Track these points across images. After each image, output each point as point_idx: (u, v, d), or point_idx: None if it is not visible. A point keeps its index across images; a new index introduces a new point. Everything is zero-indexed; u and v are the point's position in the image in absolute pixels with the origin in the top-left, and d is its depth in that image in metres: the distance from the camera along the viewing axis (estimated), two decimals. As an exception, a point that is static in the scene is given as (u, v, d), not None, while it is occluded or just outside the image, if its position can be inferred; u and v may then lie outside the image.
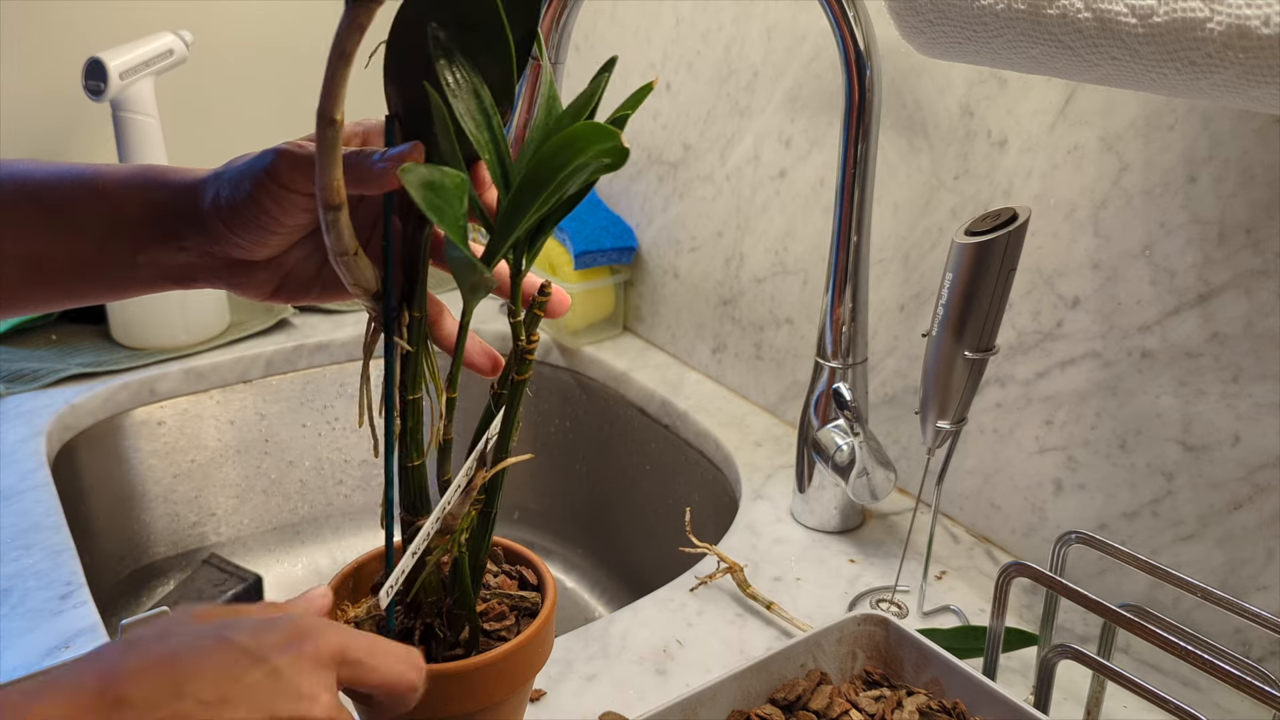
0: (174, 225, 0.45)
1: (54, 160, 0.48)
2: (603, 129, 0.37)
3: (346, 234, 0.40)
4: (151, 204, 0.46)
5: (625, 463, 1.09)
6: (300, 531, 1.13)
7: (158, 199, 0.46)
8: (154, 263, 0.46)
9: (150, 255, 0.46)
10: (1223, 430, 0.62)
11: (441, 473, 0.46)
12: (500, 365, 0.48)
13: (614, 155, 0.37)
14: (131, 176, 0.46)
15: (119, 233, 0.46)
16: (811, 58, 0.86)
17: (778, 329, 0.97)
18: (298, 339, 1.11)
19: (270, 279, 0.47)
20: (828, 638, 0.58)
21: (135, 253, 0.46)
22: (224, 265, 0.46)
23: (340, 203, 0.39)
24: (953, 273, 0.59)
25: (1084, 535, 0.58)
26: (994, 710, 0.53)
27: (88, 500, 0.99)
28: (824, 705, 0.55)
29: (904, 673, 0.58)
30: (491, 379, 0.47)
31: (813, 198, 0.89)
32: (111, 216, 0.46)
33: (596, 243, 1.09)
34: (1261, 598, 0.62)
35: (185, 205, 0.45)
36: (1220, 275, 0.61)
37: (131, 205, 0.46)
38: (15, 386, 0.99)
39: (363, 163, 0.41)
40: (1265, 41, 0.38)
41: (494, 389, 0.46)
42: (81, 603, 0.70)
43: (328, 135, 0.37)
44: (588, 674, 0.65)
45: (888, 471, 0.74)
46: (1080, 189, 0.68)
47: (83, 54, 1.03)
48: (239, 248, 0.45)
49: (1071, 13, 0.43)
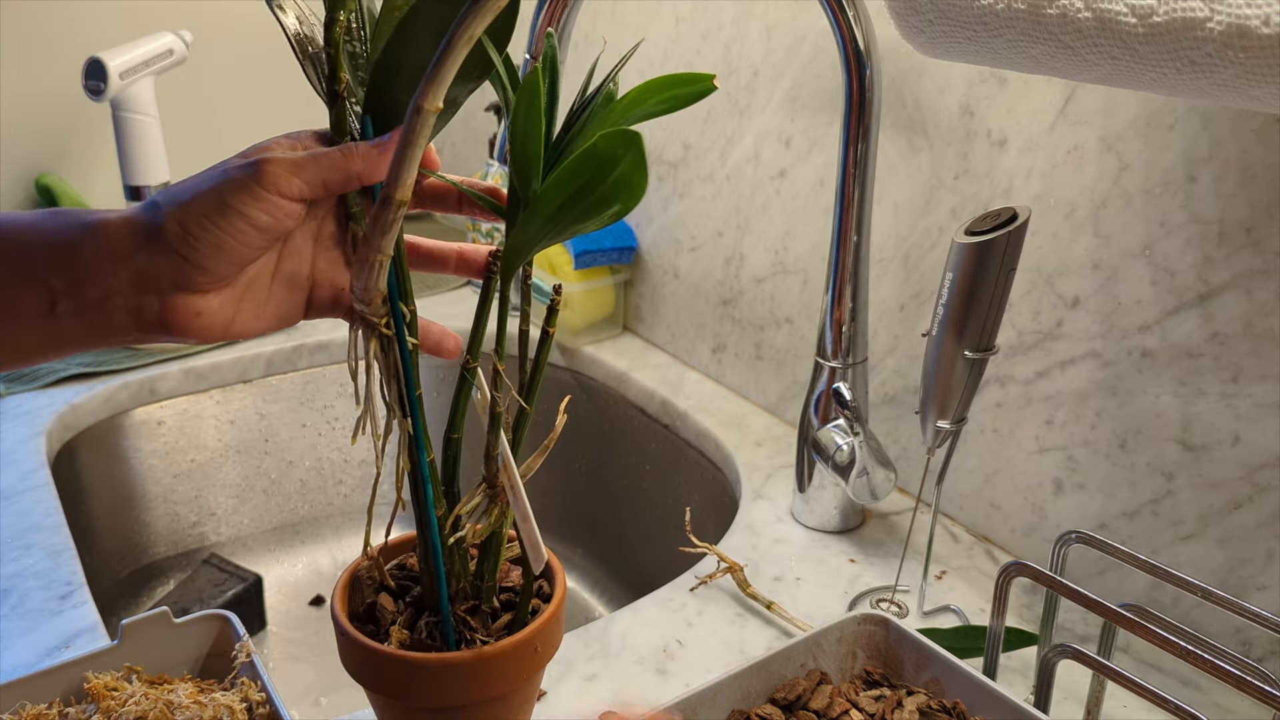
0: (96, 265, 0.41)
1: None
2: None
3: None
4: (64, 244, 0.41)
5: (625, 462, 1.09)
6: (300, 531, 1.13)
7: (68, 239, 0.41)
8: (76, 311, 0.41)
9: (71, 302, 0.41)
10: (1223, 430, 0.62)
11: (491, 446, 0.46)
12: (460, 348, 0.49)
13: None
14: (39, 219, 0.42)
15: (26, 280, 0.41)
16: (811, 58, 0.86)
17: (778, 329, 0.97)
18: (298, 339, 1.11)
19: (223, 309, 0.43)
20: (828, 637, 0.58)
21: (49, 302, 0.41)
22: (160, 308, 0.42)
23: (408, 199, 0.39)
24: (953, 272, 0.59)
25: (1084, 535, 0.58)
26: (994, 710, 0.53)
27: (88, 500, 0.99)
28: (824, 705, 0.55)
29: (904, 672, 0.58)
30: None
31: (813, 198, 0.89)
32: (17, 259, 0.41)
33: (596, 242, 1.09)
34: (1261, 597, 0.62)
35: (116, 240, 0.41)
36: (1220, 275, 0.61)
37: (39, 248, 0.41)
38: (15, 386, 0.99)
39: (371, 151, 0.41)
40: (1265, 41, 0.38)
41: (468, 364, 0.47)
42: (81, 603, 0.70)
43: (416, 125, 0.36)
44: (588, 674, 0.65)
45: (888, 471, 0.74)
46: (1080, 189, 0.68)
47: (83, 54, 1.03)
48: (201, 271, 0.41)
49: (1071, 12, 0.43)
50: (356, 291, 0.42)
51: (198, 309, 0.42)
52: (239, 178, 0.40)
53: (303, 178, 0.41)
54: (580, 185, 0.40)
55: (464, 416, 0.46)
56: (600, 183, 0.40)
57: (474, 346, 0.45)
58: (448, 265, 0.50)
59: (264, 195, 0.40)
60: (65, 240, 0.41)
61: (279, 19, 0.43)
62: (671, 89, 0.43)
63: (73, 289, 0.41)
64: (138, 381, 1.02)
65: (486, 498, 0.47)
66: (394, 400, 0.45)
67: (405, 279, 0.44)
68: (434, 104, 0.36)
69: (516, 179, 0.43)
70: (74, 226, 0.41)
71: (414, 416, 0.45)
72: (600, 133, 0.39)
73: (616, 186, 0.40)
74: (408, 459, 0.46)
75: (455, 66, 0.35)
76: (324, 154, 0.42)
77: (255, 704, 0.54)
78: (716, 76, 0.43)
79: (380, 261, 0.41)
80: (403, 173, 0.38)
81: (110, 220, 0.41)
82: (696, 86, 0.43)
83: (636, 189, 0.39)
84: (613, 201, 0.40)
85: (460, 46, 0.35)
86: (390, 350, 0.44)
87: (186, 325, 0.42)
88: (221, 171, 0.41)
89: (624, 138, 0.38)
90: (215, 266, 0.41)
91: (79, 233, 0.41)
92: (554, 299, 0.47)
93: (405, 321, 0.44)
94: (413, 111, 0.36)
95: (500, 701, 0.47)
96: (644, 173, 0.39)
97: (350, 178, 0.42)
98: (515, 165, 0.42)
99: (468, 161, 1.45)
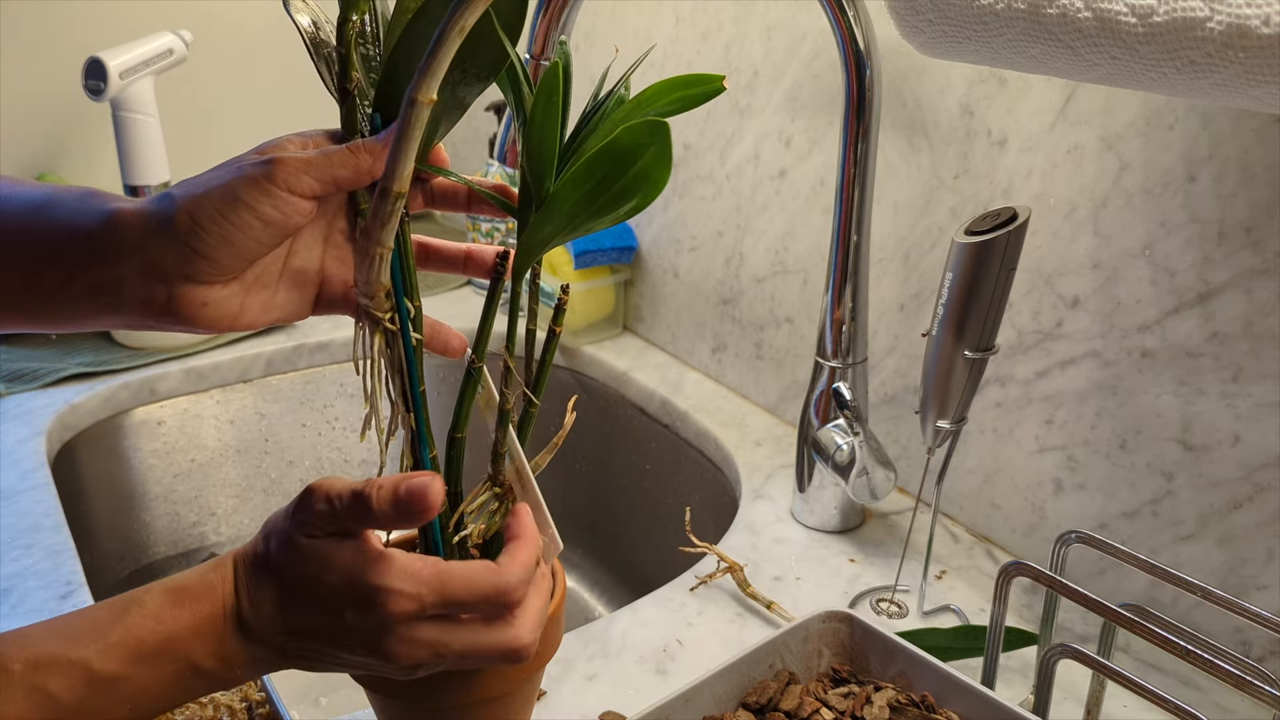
0: (113, 248, 0.42)
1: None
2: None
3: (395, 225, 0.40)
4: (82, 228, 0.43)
5: (625, 462, 1.09)
6: (300, 531, 1.13)
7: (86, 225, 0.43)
8: (90, 290, 0.43)
9: (86, 281, 0.43)
10: (1223, 430, 0.62)
11: (499, 443, 0.47)
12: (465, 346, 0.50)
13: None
14: (78, 197, 0.44)
15: (51, 259, 0.43)
16: (811, 58, 0.86)
17: (778, 328, 0.97)
18: (298, 338, 1.11)
19: (232, 299, 0.44)
20: (794, 637, 0.58)
21: (68, 279, 0.43)
22: (169, 297, 0.42)
23: (405, 191, 0.39)
24: (953, 272, 0.59)
25: (1084, 535, 0.58)
26: (962, 700, 0.53)
27: (88, 500, 0.99)
28: (794, 705, 0.55)
29: (870, 668, 0.58)
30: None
31: (813, 197, 0.89)
32: (46, 238, 0.43)
33: (596, 242, 1.09)
34: (1261, 597, 0.62)
35: (129, 228, 0.42)
36: (1220, 275, 0.61)
37: (62, 226, 0.43)
38: (15, 386, 0.99)
39: (369, 146, 0.41)
40: (1265, 41, 0.38)
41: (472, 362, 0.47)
42: (81, 603, 0.70)
43: (410, 117, 0.37)
44: (588, 674, 0.65)
45: (888, 471, 0.74)
46: (1080, 188, 0.68)
47: (83, 54, 1.03)
48: (208, 262, 0.42)
49: (1071, 12, 0.43)
50: (359, 285, 0.42)
51: (204, 299, 0.43)
52: (253, 174, 0.41)
53: (314, 175, 0.42)
54: (598, 180, 0.40)
55: (469, 416, 0.46)
56: (620, 176, 0.40)
57: (480, 345, 0.45)
58: (456, 265, 0.50)
59: (276, 192, 0.41)
60: (87, 224, 0.43)
61: (294, 19, 0.43)
62: (681, 90, 0.43)
63: (86, 269, 0.42)
64: (138, 381, 1.02)
65: (493, 496, 0.47)
66: (398, 396, 0.45)
67: (410, 275, 0.44)
68: (427, 95, 0.36)
69: (530, 177, 0.43)
70: (95, 212, 0.43)
71: (417, 412, 0.45)
72: (622, 126, 0.39)
73: (637, 179, 0.39)
74: (411, 455, 0.46)
75: (448, 58, 0.36)
76: (334, 151, 0.43)
77: (255, 704, 0.54)
78: (726, 77, 0.43)
79: (380, 254, 0.41)
80: (399, 165, 0.38)
81: (126, 209, 0.43)
82: (707, 87, 0.43)
83: (657, 182, 0.39)
84: (631, 195, 0.40)
85: (452, 38, 0.35)
86: (395, 346, 0.44)
87: (193, 315, 0.43)
88: (236, 168, 0.42)
89: (650, 128, 0.38)
90: (222, 259, 0.42)
91: (97, 217, 0.42)
92: (561, 298, 0.47)
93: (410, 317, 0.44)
94: (407, 104, 0.37)
95: (500, 701, 0.47)
96: (668, 164, 0.39)
97: (360, 173, 0.43)
98: (529, 163, 0.42)
99: (468, 161, 1.45)
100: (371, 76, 0.44)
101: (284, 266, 0.45)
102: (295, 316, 0.47)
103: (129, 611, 0.37)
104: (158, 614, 0.37)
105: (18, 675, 0.35)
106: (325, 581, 0.40)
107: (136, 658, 0.36)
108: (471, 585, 0.40)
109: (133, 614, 0.37)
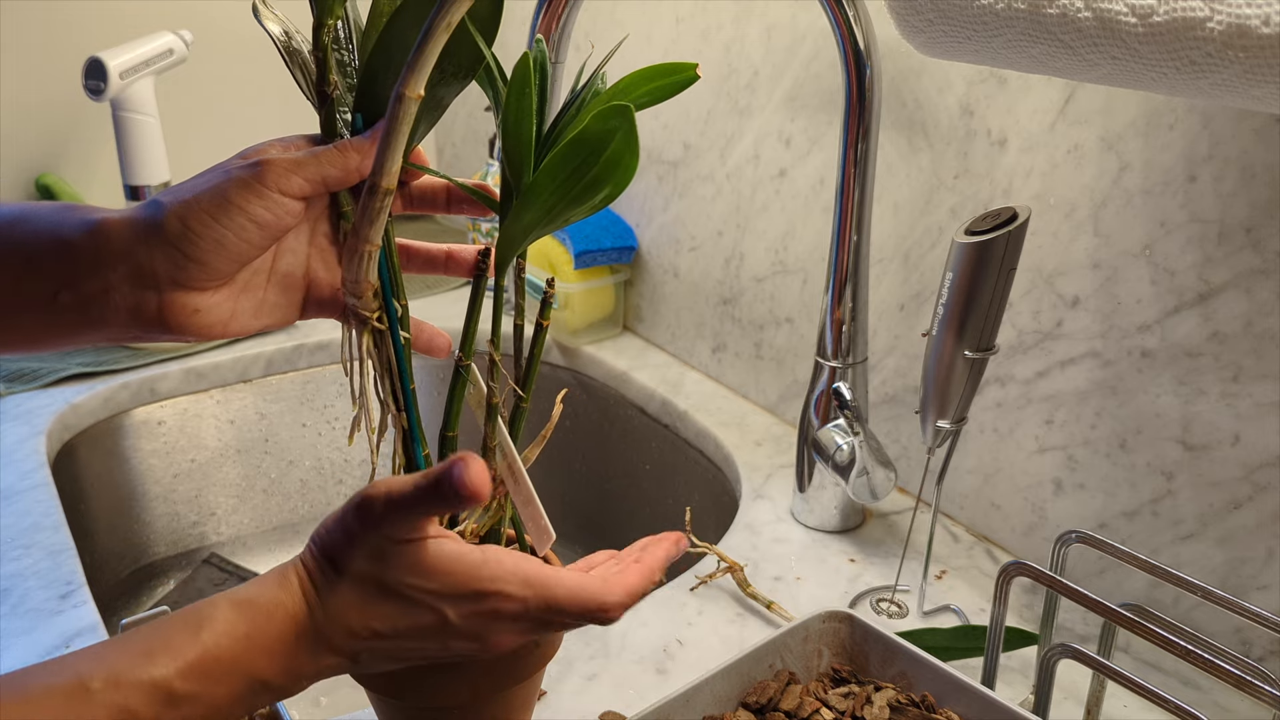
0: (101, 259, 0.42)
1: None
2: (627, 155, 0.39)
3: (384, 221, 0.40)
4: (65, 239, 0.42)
5: (625, 462, 1.09)
6: (300, 531, 1.13)
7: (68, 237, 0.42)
8: (76, 303, 0.42)
9: (72, 293, 0.42)
10: (1223, 430, 0.62)
11: (489, 437, 0.47)
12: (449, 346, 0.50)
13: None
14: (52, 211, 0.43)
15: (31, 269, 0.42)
16: (811, 57, 0.86)
17: (778, 328, 0.97)
18: (298, 338, 1.11)
19: (224, 304, 0.44)
20: (794, 637, 0.58)
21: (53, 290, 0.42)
22: (158, 309, 0.42)
23: (393, 187, 0.39)
24: (953, 272, 0.59)
25: (1084, 534, 0.58)
26: (962, 700, 0.53)
27: (88, 500, 0.99)
28: (794, 705, 0.55)
29: (870, 668, 0.58)
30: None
31: (813, 197, 0.89)
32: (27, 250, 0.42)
33: (596, 242, 1.09)
34: (1261, 597, 0.62)
35: (116, 236, 0.42)
36: (1220, 275, 0.61)
37: (45, 239, 0.42)
38: (15, 386, 0.99)
39: (359, 144, 0.42)
40: (1265, 41, 0.38)
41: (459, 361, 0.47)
42: (81, 602, 0.70)
43: (398, 112, 0.37)
44: (588, 674, 0.65)
45: (888, 471, 0.74)
46: (1080, 188, 0.68)
47: (83, 54, 1.03)
48: (200, 267, 0.42)
49: (1071, 12, 0.43)
50: (347, 284, 0.42)
51: (195, 306, 0.43)
52: (242, 176, 0.41)
53: (303, 175, 0.42)
54: (572, 169, 0.40)
55: (459, 414, 0.46)
56: (593, 165, 0.40)
57: (466, 343, 0.45)
58: (437, 265, 0.51)
59: (266, 193, 0.41)
60: (69, 234, 0.42)
61: (265, 28, 0.44)
62: (656, 80, 0.44)
63: (73, 281, 0.42)
64: (138, 381, 1.02)
65: None
66: (388, 395, 0.45)
67: (396, 274, 0.45)
68: (415, 91, 0.37)
69: (509, 170, 0.43)
70: (78, 222, 0.42)
71: (409, 411, 0.45)
72: (590, 114, 0.40)
73: (608, 165, 0.40)
74: (403, 454, 0.46)
75: (435, 53, 0.36)
76: (321, 151, 0.43)
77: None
78: (699, 66, 0.43)
79: (369, 252, 0.41)
80: (387, 160, 0.38)
81: (111, 218, 0.42)
82: (680, 76, 0.44)
83: (627, 168, 0.40)
84: (605, 182, 0.40)
85: (439, 33, 0.36)
86: (383, 346, 0.45)
87: (184, 322, 0.43)
88: (223, 172, 0.42)
89: (615, 111, 0.38)
90: (214, 263, 0.42)
91: (82, 228, 0.42)
92: (547, 292, 0.47)
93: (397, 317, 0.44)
94: (395, 99, 0.37)
95: (500, 701, 0.47)
96: (635, 149, 0.39)
97: (349, 171, 0.43)
98: (508, 157, 0.43)
99: (468, 161, 1.45)
100: (348, 81, 0.45)
101: (271, 271, 0.45)
102: (284, 321, 0.47)
103: (202, 629, 0.37)
104: (230, 632, 0.37)
105: (98, 693, 0.35)
106: (422, 586, 0.39)
107: (212, 677, 0.37)
108: (575, 596, 0.40)
109: (206, 632, 0.37)
